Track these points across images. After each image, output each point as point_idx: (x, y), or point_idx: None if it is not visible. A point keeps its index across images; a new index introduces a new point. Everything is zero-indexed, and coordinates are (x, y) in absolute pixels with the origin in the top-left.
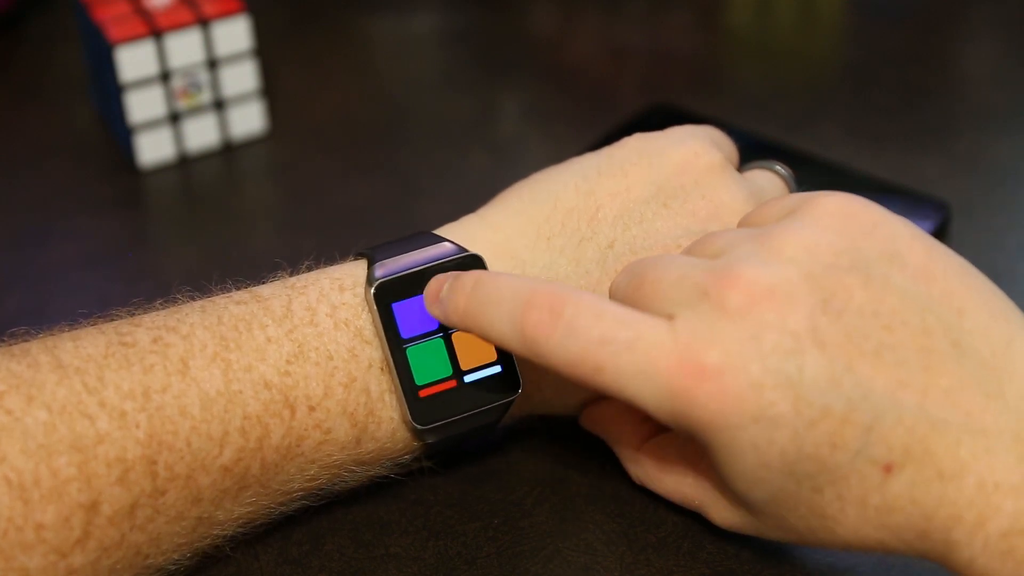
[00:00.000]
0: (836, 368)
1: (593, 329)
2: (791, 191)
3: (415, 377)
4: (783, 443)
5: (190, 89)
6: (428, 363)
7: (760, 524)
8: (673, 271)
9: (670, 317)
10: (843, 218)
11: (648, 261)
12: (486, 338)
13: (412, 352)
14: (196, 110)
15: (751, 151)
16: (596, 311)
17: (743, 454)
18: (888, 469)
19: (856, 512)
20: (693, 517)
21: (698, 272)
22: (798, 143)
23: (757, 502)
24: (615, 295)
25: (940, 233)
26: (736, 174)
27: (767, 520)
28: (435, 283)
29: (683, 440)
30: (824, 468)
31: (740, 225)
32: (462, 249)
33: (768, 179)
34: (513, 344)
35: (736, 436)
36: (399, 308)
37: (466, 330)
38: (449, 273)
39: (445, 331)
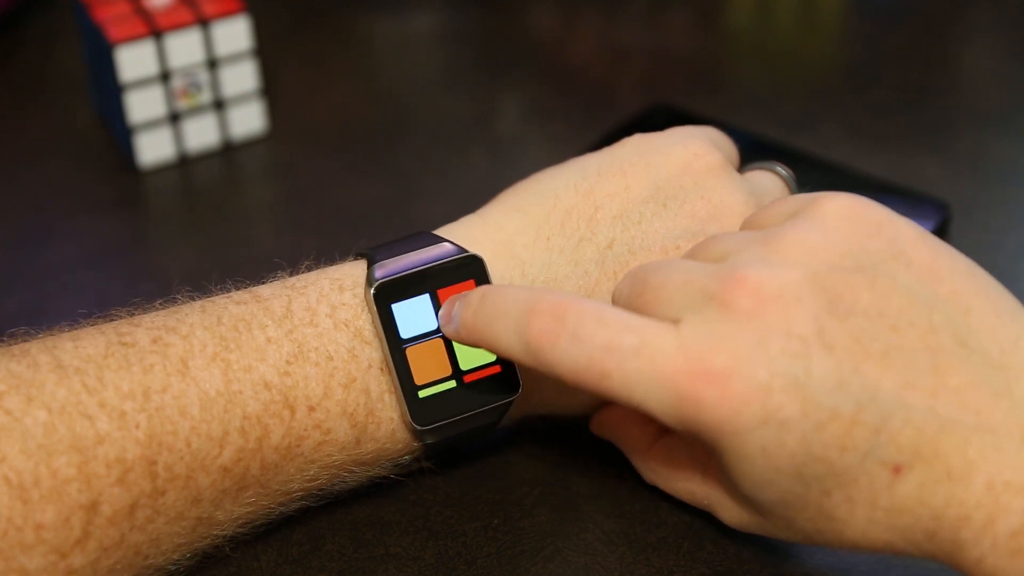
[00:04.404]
0: (844, 370)
1: (598, 335)
2: (792, 192)
3: (415, 378)
4: (792, 446)
5: (190, 89)
6: (428, 363)
7: (768, 524)
8: (677, 275)
9: (675, 321)
10: (847, 219)
11: (651, 266)
12: (495, 351)
13: (412, 352)
14: (196, 110)
15: (751, 151)
16: (600, 317)
17: (752, 458)
18: (897, 470)
19: (865, 514)
20: (693, 517)
21: (703, 276)
22: (798, 143)
23: (766, 504)
24: (618, 301)
25: (940, 233)
26: (736, 175)
27: (775, 521)
28: (447, 304)
29: (691, 440)
30: (833, 470)
31: (743, 228)
32: (462, 249)
33: (769, 180)
34: (520, 355)
35: (745, 440)
36: (399, 309)
37: (476, 345)
38: (461, 293)
39: None
